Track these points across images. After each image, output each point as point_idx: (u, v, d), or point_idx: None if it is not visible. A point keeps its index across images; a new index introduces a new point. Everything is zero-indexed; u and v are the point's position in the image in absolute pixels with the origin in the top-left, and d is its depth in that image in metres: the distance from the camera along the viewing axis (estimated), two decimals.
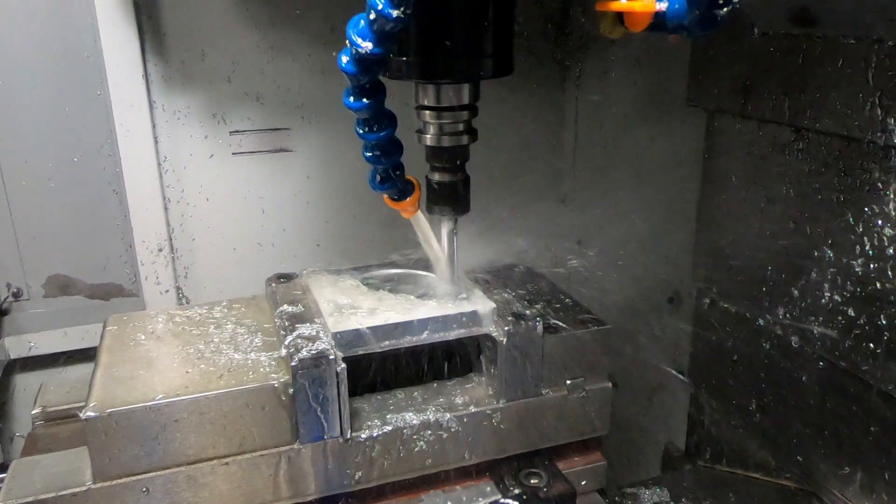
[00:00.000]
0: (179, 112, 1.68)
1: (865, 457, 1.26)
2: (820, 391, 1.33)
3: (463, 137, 1.21)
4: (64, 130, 1.66)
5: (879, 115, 1.11)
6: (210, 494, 1.13)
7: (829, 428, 1.32)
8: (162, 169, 1.70)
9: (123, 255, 1.77)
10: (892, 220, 1.14)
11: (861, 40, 1.12)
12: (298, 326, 1.20)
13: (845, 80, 1.16)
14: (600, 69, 1.93)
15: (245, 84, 1.70)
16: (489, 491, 1.27)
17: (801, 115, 1.26)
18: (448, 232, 1.29)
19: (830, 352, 1.29)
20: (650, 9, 0.96)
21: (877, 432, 1.23)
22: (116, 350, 1.23)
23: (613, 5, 1.00)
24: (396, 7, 0.95)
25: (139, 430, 1.08)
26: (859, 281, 1.21)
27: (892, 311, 1.16)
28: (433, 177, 1.24)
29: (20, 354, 1.78)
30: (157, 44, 1.62)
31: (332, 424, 1.16)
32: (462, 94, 1.17)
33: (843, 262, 1.23)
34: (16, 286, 1.75)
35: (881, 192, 1.15)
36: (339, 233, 1.85)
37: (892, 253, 1.15)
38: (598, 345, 1.31)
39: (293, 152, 1.78)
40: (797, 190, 1.32)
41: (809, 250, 1.30)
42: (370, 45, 0.99)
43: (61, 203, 1.70)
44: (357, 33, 1.00)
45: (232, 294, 1.69)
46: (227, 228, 1.79)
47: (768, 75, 1.31)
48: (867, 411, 1.24)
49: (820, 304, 1.29)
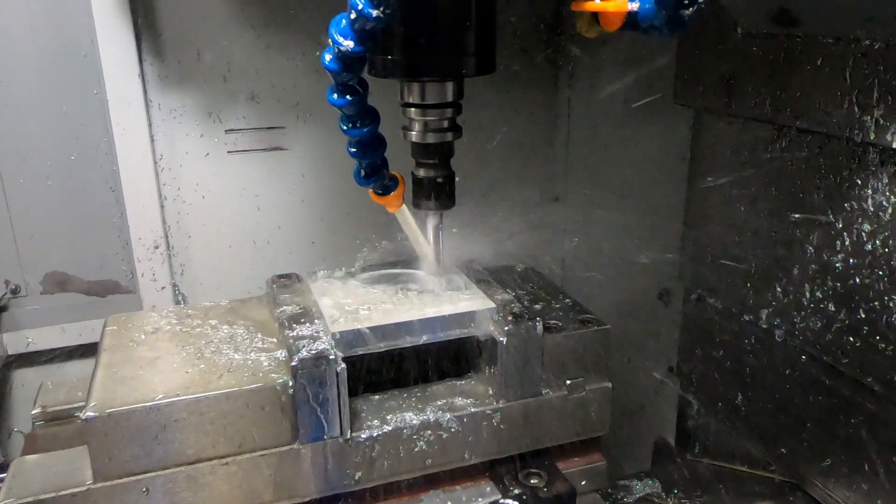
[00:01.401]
0: (175, 111, 1.69)
1: (847, 449, 1.28)
2: (803, 385, 1.35)
3: (447, 134, 1.23)
4: (61, 129, 1.67)
5: (857, 113, 1.13)
6: (210, 494, 1.13)
7: (812, 421, 1.34)
8: (158, 167, 1.71)
9: (120, 252, 1.78)
10: (869, 216, 1.15)
11: (839, 40, 1.14)
12: (298, 326, 1.20)
13: (824, 79, 1.18)
14: (592, 68, 1.94)
15: (240, 83, 1.71)
16: (489, 491, 1.27)
17: (782, 113, 1.27)
18: (434, 227, 1.31)
19: (812, 346, 1.31)
20: (622, 9, 0.99)
21: (857, 424, 1.25)
22: (116, 350, 1.23)
23: (588, 5, 1.03)
24: (376, 7, 0.98)
25: (139, 430, 1.07)
26: (838, 277, 1.23)
27: (870, 305, 1.17)
28: (418, 172, 1.26)
29: (18, 351, 1.79)
30: (153, 43, 1.63)
31: (332, 424, 1.16)
32: (446, 92, 1.19)
33: (824, 257, 1.25)
34: (14, 283, 1.76)
35: (859, 188, 1.17)
36: (334, 230, 1.86)
37: (870, 249, 1.17)
38: (598, 345, 1.31)
39: (288, 151, 1.79)
40: (779, 187, 1.33)
41: (792, 246, 1.32)
42: (351, 43, 1.03)
43: (59, 200, 1.71)
44: (339, 32, 1.04)
45: (227, 291, 1.69)
46: (222, 226, 1.80)
47: (751, 74, 1.33)
48: (848, 404, 1.26)
49: (802, 299, 1.31)
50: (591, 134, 1.99)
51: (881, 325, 1.16)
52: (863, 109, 1.12)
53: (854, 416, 1.25)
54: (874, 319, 1.17)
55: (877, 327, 1.17)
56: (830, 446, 1.31)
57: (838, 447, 1.29)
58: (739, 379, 1.51)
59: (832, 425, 1.30)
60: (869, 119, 1.11)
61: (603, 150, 2.01)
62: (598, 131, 1.99)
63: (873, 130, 1.10)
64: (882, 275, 1.15)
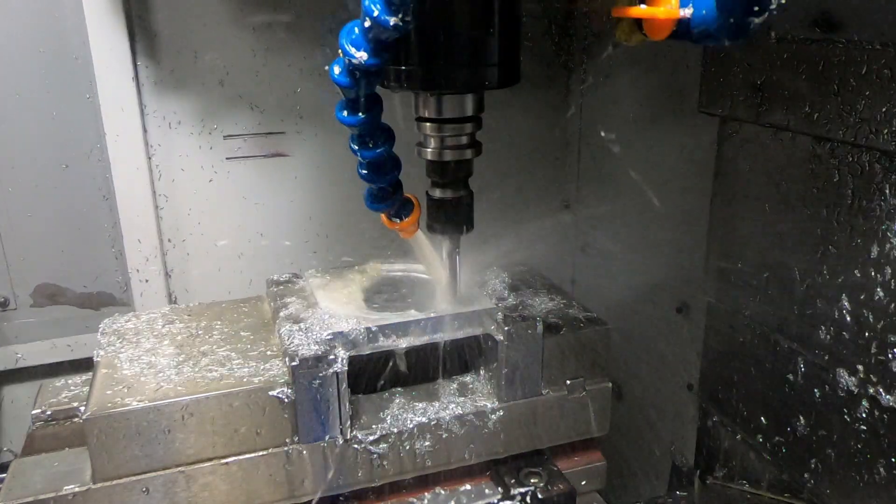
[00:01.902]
0: (171, 116, 1.66)
1: (874, 476, 1.24)
2: (827, 407, 1.31)
3: (466, 151, 1.13)
4: (52, 135, 1.64)
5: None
6: (210, 494, 1.12)
7: (838, 447, 1.30)
8: (153, 175, 1.68)
9: (114, 263, 1.75)
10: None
11: (887, 46, 1.07)
12: (298, 326, 1.20)
13: (868, 88, 1.10)
14: (606, 72, 1.90)
15: (239, 87, 1.68)
16: (489, 491, 1.27)
17: (819, 124, 1.20)
18: (449, 252, 1.22)
19: (844, 365, 1.26)
20: (673, 15, 0.88)
21: (886, 453, 1.19)
22: (116, 350, 1.23)
23: (632, 11, 0.92)
24: (394, 14, 0.85)
25: (139, 431, 1.07)
26: (872, 296, 1.17)
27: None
28: (434, 193, 1.16)
29: (7, 367, 1.76)
30: (148, 46, 1.61)
31: (332, 424, 1.16)
32: (465, 105, 1.09)
33: (856, 274, 1.20)
34: (2, 295, 1.72)
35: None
36: (335, 237, 1.84)
37: None
38: (598, 345, 1.31)
39: (288, 157, 1.77)
40: (812, 201, 1.27)
41: (821, 262, 1.26)
42: (365, 55, 0.90)
43: (50, 210, 1.68)
44: (350, 42, 0.91)
45: (225, 298, 1.67)
46: (221, 235, 1.77)
47: (786, 82, 1.26)
48: (876, 430, 1.20)
49: (833, 316, 1.25)
50: (604, 139, 1.95)
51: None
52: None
53: (883, 442, 1.19)
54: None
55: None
56: (856, 472, 1.26)
57: (864, 474, 1.23)
58: (763, 398, 1.47)
59: (858, 450, 1.24)
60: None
61: (617, 157, 1.93)
62: (611, 136, 1.93)
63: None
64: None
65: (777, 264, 1.38)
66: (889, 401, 1.16)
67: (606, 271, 1.92)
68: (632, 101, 1.85)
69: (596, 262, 1.98)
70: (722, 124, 1.50)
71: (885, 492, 1.20)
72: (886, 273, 1.15)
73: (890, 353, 1.16)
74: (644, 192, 1.83)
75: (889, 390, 1.16)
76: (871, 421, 1.21)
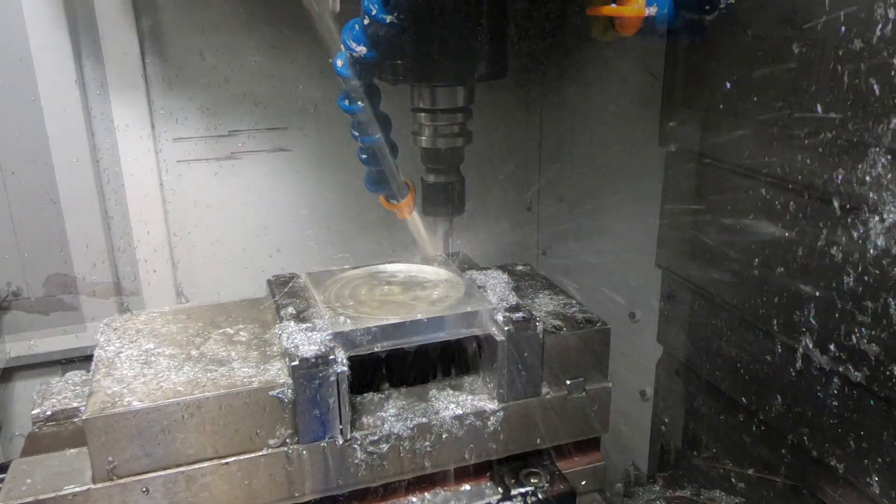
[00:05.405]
0: (177, 112, 1.69)
1: (854, 452, 1.26)
2: (806, 389, 1.34)
3: (458, 139, 1.24)
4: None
5: (870, 118, 1.11)
6: (210, 494, 1.13)
7: (822, 424, 1.32)
8: (161, 168, 1.70)
9: (123, 253, 1.77)
10: (883, 220, 1.14)
11: (850, 43, 1.13)
12: (299, 326, 1.20)
13: (835, 83, 1.16)
14: (570, 72, 1.92)
15: (243, 85, 1.71)
16: (489, 491, 1.27)
17: (791, 117, 1.26)
18: (444, 233, 1.31)
19: (814, 351, 1.29)
20: (639, 14, 1.00)
21: (863, 427, 1.23)
22: (116, 350, 1.23)
23: (604, 10, 1.04)
24: (390, 12, 0.98)
25: (139, 431, 1.07)
26: (844, 282, 1.21)
27: (879, 303, 1.15)
28: (428, 178, 1.28)
29: (20, 353, 1.79)
30: (155, 44, 1.63)
31: (332, 425, 1.16)
32: (457, 97, 1.20)
33: (830, 262, 1.23)
34: (15, 285, 1.75)
35: (867, 195, 1.15)
36: (337, 231, 1.86)
37: (873, 253, 1.15)
38: (598, 345, 1.31)
39: (291, 152, 1.78)
40: (787, 190, 1.32)
41: (796, 251, 1.31)
42: (364, 49, 1.04)
43: (61, 202, 1.70)
44: (352, 38, 1.04)
45: (229, 291, 1.70)
46: (225, 227, 1.80)
47: (760, 77, 1.31)
48: (849, 407, 1.25)
49: (807, 305, 1.29)
50: (567, 140, 1.97)
51: None
52: (874, 115, 1.10)
53: (859, 417, 1.24)
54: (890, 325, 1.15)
55: None
56: (837, 450, 1.30)
57: (846, 450, 1.28)
58: (743, 379, 1.51)
59: (837, 428, 1.29)
60: (871, 124, 1.10)
61: (582, 157, 1.97)
62: (575, 137, 1.96)
63: None
64: None
65: (749, 252, 1.44)
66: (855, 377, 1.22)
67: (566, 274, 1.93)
68: (596, 102, 1.91)
69: (555, 264, 2.01)
70: (704, 117, 1.51)
71: (857, 464, 1.26)
72: (855, 260, 1.19)
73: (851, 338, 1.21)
74: (607, 193, 1.84)
75: (853, 370, 1.22)
76: (840, 397, 1.28)
